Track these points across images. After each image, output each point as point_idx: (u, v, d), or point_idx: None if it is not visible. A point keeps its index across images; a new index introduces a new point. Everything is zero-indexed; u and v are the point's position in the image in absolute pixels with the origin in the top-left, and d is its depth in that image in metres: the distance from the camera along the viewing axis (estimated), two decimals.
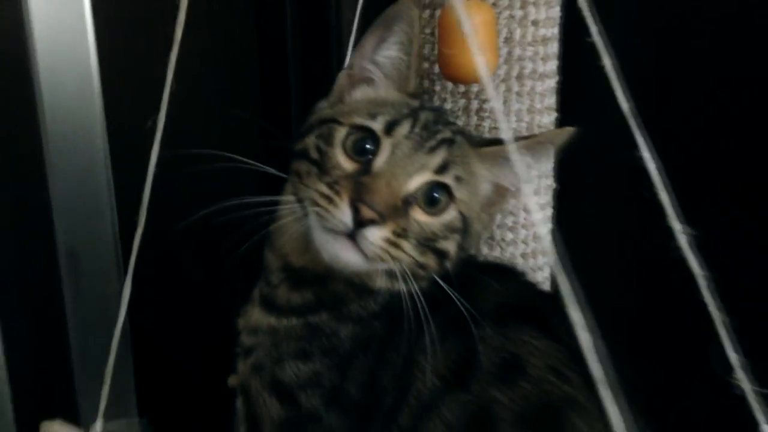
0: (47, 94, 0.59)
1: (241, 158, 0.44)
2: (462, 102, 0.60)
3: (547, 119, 0.62)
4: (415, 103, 0.47)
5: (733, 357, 0.43)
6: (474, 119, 0.60)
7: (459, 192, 0.44)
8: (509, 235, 0.62)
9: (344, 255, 0.42)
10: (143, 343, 0.65)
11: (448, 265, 0.44)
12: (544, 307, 0.46)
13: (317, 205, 0.42)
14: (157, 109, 0.40)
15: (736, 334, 0.43)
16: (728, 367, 0.44)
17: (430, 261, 0.44)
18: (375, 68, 0.48)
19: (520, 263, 0.63)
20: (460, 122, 0.61)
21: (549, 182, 0.64)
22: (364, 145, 0.45)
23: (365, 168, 0.44)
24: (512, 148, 0.31)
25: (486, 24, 0.49)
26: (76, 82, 0.60)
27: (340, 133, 0.46)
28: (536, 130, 0.61)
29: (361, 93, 0.49)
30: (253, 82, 0.72)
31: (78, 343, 0.61)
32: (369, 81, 0.49)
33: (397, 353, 0.43)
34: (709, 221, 0.45)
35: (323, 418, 0.45)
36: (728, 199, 0.67)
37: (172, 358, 0.61)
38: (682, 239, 0.44)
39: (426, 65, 0.60)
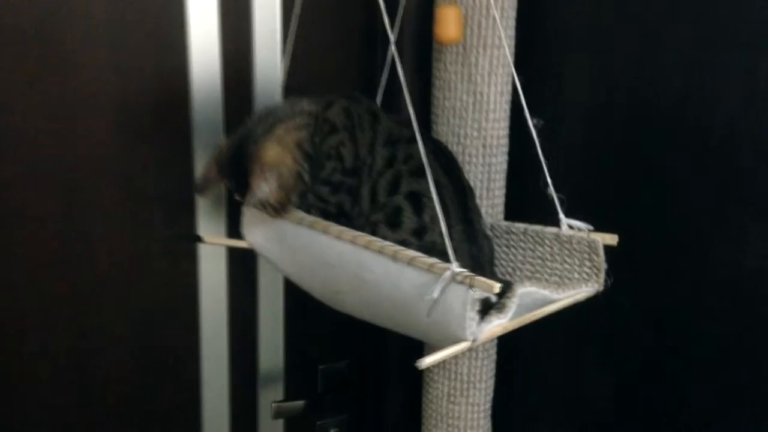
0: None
1: None
2: (452, 56, 1.11)
3: (502, 71, 1.12)
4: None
5: (549, 180, 0.95)
6: (461, 67, 1.11)
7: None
8: (476, 134, 1.14)
9: None
10: None
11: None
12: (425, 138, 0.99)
13: None
14: None
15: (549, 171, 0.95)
16: (546, 185, 0.95)
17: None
18: None
19: (482, 150, 1.15)
20: (454, 69, 1.12)
21: (506, 104, 1.15)
22: None
23: None
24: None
25: (454, 15, 1.01)
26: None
27: None
28: (494, 77, 1.11)
29: None
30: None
31: None
32: None
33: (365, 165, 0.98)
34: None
35: (344, 183, 0.99)
36: None
37: None
38: (531, 125, 0.96)
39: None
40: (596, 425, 1.20)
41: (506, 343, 1.18)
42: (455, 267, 0.78)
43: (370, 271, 0.89)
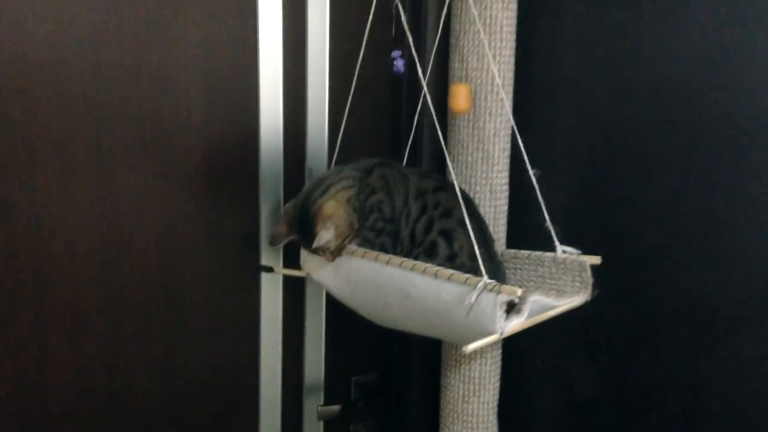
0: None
1: None
2: (464, 121, 1.41)
3: (504, 132, 1.42)
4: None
5: (547, 216, 1.24)
6: (471, 130, 1.41)
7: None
8: (483, 182, 1.43)
9: None
10: None
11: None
12: (446, 186, 1.26)
13: None
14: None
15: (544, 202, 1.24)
16: (538, 221, 1.25)
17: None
18: None
19: (488, 195, 1.44)
20: (466, 132, 1.42)
21: (507, 158, 1.45)
22: None
23: None
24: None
25: (465, 91, 1.31)
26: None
27: None
28: (497, 138, 1.41)
29: None
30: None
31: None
32: None
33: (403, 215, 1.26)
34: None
35: (385, 228, 1.24)
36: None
37: None
38: (532, 174, 1.25)
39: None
40: (584, 417, 1.48)
41: (509, 351, 1.47)
42: (486, 279, 1.06)
43: (416, 287, 1.16)
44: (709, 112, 1.24)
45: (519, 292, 1.03)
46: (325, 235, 1.22)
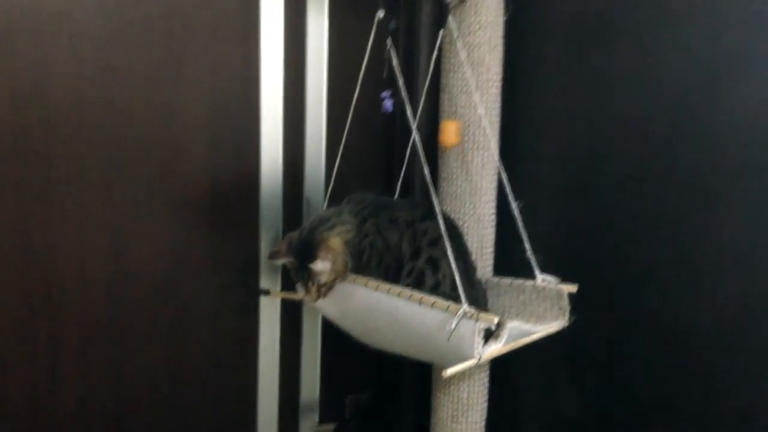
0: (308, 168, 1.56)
1: None
2: (453, 155, 1.50)
3: (490, 165, 1.51)
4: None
5: (528, 246, 1.32)
6: (460, 163, 1.50)
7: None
8: (471, 212, 1.51)
9: None
10: None
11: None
12: (431, 215, 1.31)
13: None
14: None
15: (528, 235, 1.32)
16: (524, 250, 1.33)
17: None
18: None
19: (476, 224, 1.52)
20: (455, 165, 1.51)
21: (493, 190, 1.53)
22: None
23: None
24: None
25: (453, 127, 1.39)
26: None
27: None
28: (485, 170, 1.50)
29: None
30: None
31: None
32: None
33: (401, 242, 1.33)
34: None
35: (383, 257, 1.32)
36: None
37: None
38: (514, 206, 1.33)
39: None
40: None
41: (495, 373, 1.54)
42: (466, 307, 1.14)
43: (402, 312, 1.24)
44: (683, 148, 1.32)
45: (495, 320, 1.11)
46: (322, 264, 1.30)
